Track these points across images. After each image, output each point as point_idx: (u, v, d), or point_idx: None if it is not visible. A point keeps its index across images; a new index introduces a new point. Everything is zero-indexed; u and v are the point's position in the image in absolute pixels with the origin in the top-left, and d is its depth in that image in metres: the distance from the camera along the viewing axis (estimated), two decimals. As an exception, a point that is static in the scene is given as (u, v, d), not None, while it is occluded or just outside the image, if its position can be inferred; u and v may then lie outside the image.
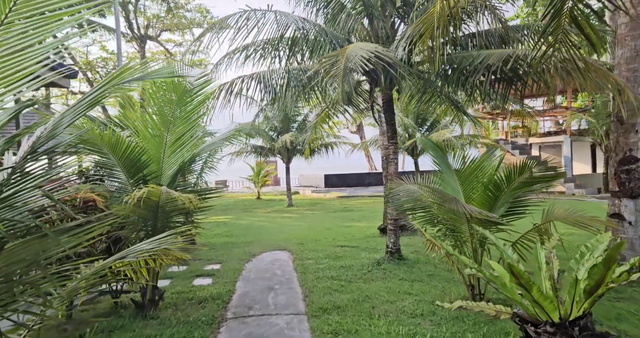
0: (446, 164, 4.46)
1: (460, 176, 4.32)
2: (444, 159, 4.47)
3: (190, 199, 4.18)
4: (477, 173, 4.22)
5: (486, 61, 5.39)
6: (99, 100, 1.99)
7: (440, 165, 4.61)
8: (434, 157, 4.64)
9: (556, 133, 20.19)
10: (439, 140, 15.84)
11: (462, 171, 4.30)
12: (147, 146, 4.71)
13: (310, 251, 8.37)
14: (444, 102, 8.07)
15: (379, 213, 15.03)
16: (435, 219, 4.43)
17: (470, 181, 4.24)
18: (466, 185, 4.28)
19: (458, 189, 4.34)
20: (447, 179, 4.56)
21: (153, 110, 4.60)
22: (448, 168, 4.45)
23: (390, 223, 7.16)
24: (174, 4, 28.79)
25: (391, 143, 7.19)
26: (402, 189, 4.99)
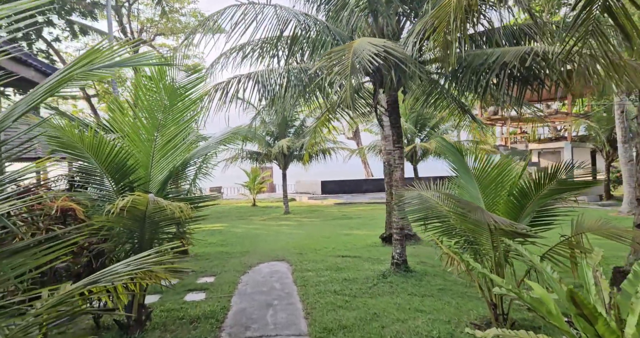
0: (465, 168, 4.06)
1: (482, 182, 3.92)
2: (463, 163, 4.07)
3: (181, 209, 3.73)
4: (501, 179, 3.82)
5: (501, 59, 5.01)
6: (58, 86, 1.56)
7: (459, 170, 4.20)
8: (451, 161, 4.23)
9: (556, 139, 19.94)
10: (438, 146, 15.53)
11: (484, 177, 3.89)
12: (134, 150, 4.27)
13: (310, 262, 7.91)
14: (450, 105, 7.70)
15: (378, 220, 14.61)
16: (453, 230, 4.02)
17: (494, 188, 3.84)
18: (488, 192, 3.88)
19: (478, 197, 3.94)
20: (464, 185, 4.16)
21: (141, 110, 4.17)
22: (467, 173, 4.05)
23: (395, 232, 6.73)
24: (168, 8, 28.45)
25: (396, 148, 6.79)
26: (414, 197, 4.57)
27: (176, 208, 3.62)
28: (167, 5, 28.37)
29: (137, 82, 4.27)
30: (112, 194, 4.19)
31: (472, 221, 3.65)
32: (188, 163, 4.75)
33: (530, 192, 3.52)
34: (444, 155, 4.50)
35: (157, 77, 4.13)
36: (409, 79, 5.72)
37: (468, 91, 6.10)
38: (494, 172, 3.86)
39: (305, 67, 6.58)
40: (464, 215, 3.62)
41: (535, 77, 5.30)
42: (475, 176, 3.99)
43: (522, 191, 3.58)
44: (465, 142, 18.33)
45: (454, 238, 4.04)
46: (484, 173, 3.92)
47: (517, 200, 3.62)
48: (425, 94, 7.61)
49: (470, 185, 4.04)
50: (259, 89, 6.65)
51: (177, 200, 4.50)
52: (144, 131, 4.25)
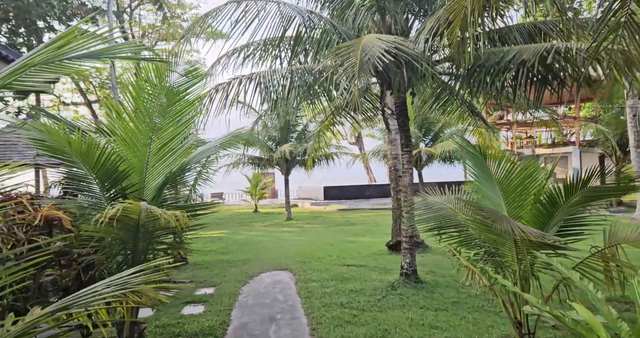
0: (486, 172, 3.73)
1: (504, 188, 3.59)
2: (484, 167, 3.74)
3: (177, 217, 3.42)
4: (526, 184, 3.50)
5: (519, 57, 4.71)
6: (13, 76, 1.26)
7: (478, 174, 3.88)
8: (470, 164, 3.90)
9: (564, 143, 19.59)
10: (444, 151, 15.21)
11: (508, 182, 3.57)
12: (127, 154, 3.96)
13: (314, 271, 7.58)
14: (459, 107, 7.40)
15: (382, 227, 14.27)
16: (472, 240, 3.69)
17: (518, 194, 3.52)
18: (511, 199, 3.56)
19: (500, 204, 3.61)
20: (484, 191, 3.84)
21: (135, 110, 3.87)
22: (488, 178, 3.72)
23: (404, 240, 6.40)
24: (170, 13, 28.33)
25: (405, 152, 6.48)
26: (427, 204, 4.25)
27: (171, 216, 3.31)
28: (169, 11, 28.27)
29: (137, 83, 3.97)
30: (104, 202, 3.88)
31: (495, 231, 3.32)
32: (185, 167, 4.44)
33: (559, 199, 3.21)
34: (461, 158, 4.18)
35: (155, 76, 3.85)
36: (420, 79, 5.42)
37: (481, 92, 5.79)
38: (519, 177, 3.54)
39: (309, 67, 6.30)
40: (486, 225, 3.29)
41: (555, 76, 5.00)
42: (498, 181, 3.66)
43: (550, 198, 3.26)
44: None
45: (473, 249, 3.71)
46: (508, 177, 3.60)
47: (544, 208, 3.30)
48: (434, 96, 7.32)
49: (491, 191, 3.72)
50: (260, 91, 6.37)
51: (173, 208, 4.19)
52: (139, 134, 3.95)
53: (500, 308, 4.76)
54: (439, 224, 4.11)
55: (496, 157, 3.72)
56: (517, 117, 20.41)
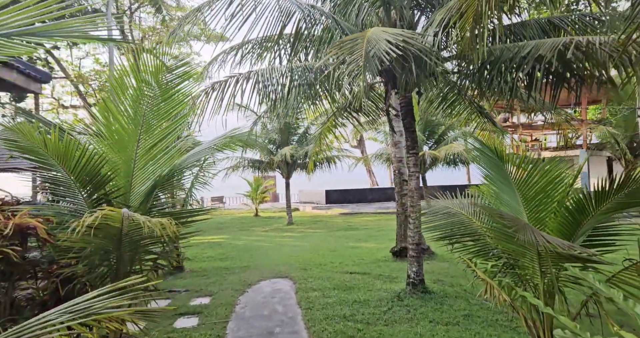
0: (504, 175, 3.39)
1: (525, 193, 3.26)
2: (502, 170, 3.40)
3: (165, 225, 3.09)
4: (550, 189, 3.16)
5: (535, 52, 4.38)
6: None
7: (494, 177, 3.53)
8: (485, 165, 3.56)
9: (571, 146, 19.22)
10: (448, 154, 14.87)
11: (529, 186, 3.23)
12: (112, 155, 3.65)
13: (315, 279, 7.23)
14: (467, 108, 7.08)
15: (386, 231, 13.91)
16: (489, 251, 3.35)
17: (540, 200, 3.18)
18: (532, 205, 3.22)
19: (519, 210, 3.28)
20: (500, 196, 3.50)
21: (118, 106, 3.55)
22: (506, 181, 3.38)
23: (411, 247, 6.05)
24: (170, 16, 28.12)
25: (411, 154, 6.14)
26: (438, 210, 3.92)
27: (156, 225, 2.98)
28: (169, 14, 28.06)
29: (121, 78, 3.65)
30: (85, 208, 3.56)
31: (516, 241, 2.99)
32: (177, 170, 4.11)
33: (588, 206, 2.87)
34: (474, 159, 3.84)
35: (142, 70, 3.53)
36: (428, 77, 5.10)
37: (492, 92, 5.46)
38: (541, 181, 3.20)
39: (310, 65, 5.99)
40: (507, 234, 2.96)
41: (573, 74, 4.67)
42: (517, 185, 3.33)
43: (578, 205, 2.92)
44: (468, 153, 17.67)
45: (490, 260, 3.37)
46: (529, 181, 3.26)
47: (571, 215, 2.96)
48: (440, 97, 7.01)
49: (509, 196, 3.38)
50: (259, 90, 6.05)
51: (163, 214, 3.87)
52: (124, 133, 3.64)
53: (517, 323, 4.41)
54: (450, 232, 3.78)
55: (515, 159, 3.38)
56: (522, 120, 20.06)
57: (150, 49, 3.54)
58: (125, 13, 26.67)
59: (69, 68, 26.40)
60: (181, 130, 4.10)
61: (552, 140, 22.75)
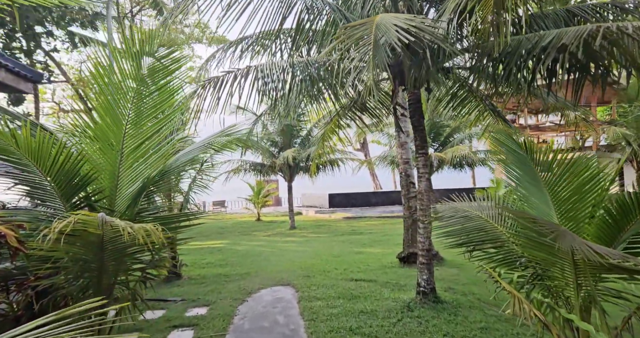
0: (532, 175, 3.02)
1: (557, 195, 2.88)
2: (530, 168, 3.03)
3: (150, 232, 2.74)
4: (586, 190, 2.78)
5: (557, 42, 4.02)
6: None
7: (520, 177, 3.16)
8: (510, 164, 3.19)
9: (581, 148, 18.77)
10: (455, 156, 14.48)
11: (562, 187, 2.85)
12: (94, 154, 3.30)
13: (318, 287, 6.85)
14: (479, 106, 6.72)
15: (391, 236, 13.52)
16: (516, 259, 2.98)
17: (574, 203, 2.80)
18: (565, 208, 2.84)
19: (549, 214, 2.91)
20: (528, 198, 3.13)
21: (99, 97, 3.21)
22: (534, 181, 3.00)
23: (421, 254, 5.67)
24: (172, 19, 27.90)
25: (420, 154, 5.78)
26: (454, 213, 3.55)
27: (139, 231, 2.63)
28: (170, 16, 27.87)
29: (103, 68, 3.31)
30: (64, 212, 3.21)
31: (547, 249, 2.62)
32: (168, 171, 3.77)
33: (634, 209, 2.51)
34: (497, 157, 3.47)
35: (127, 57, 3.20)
36: (439, 71, 4.75)
37: (508, 87, 5.10)
38: (576, 181, 2.83)
39: (312, 59, 5.65)
40: (537, 241, 2.59)
41: (598, 65, 4.30)
42: (548, 185, 2.96)
43: (623, 208, 2.56)
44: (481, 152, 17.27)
45: (516, 270, 2.99)
46: (562, 181, 2.88)
47: (613, 220, 2.60)
48: (450, 94, 6.65)
49: (537, 198, 3.01)
50: (258, 88, 5.69)
51: (153, 219, 3.52)
52: (107, 130, 3.29)
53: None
54: (467, 238, 3.40)
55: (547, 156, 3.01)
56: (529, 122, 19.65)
57: (137, 28, 3.19)
58: (126, 16, 26.50)
59: (70, 72, 26.21)
60: (173, 126, 3.75)
61: (559, 142, 22.31)
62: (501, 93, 5.64)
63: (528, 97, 5.45)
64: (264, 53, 5.95)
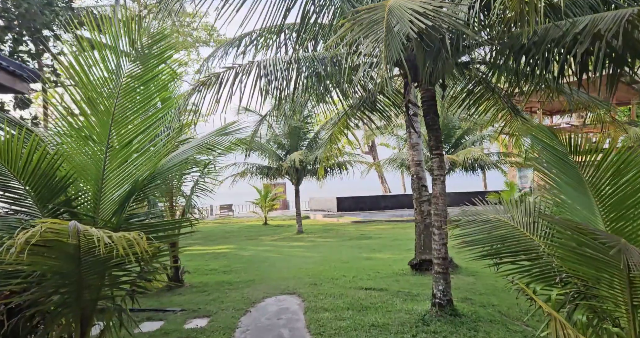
0: (574, 176, 2.60)
1: (605, 200, 2.46)
2: (571, 168, 2.62)
3: (134, 241, 2.39)
4: None
5: (592, 28, 3.61)
6: None
7: (558, 179, 2.75)
8: (546, 163, 2.79)
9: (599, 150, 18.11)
10: (467, 158, 14.03)
11: (613, 191, 2.43)
12: (76, 154, 2.97)
13: (326, 296, 6.46)
14: (496, 104, 6.31)
15: (401, 241, 13.09)
16: (555, 274, 2.56)
17: (629, 208, 2.38)
18: (617, 214, 2.43)
19: (594, 220, 2.49)
20: (565, 203, 2.72)
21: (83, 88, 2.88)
22: (578, 184, 2.59)
23: (437, 262, 5.26)
24: (179, 22, 27.84)
25: (435, 155, 5.39)
26: (479, 219, 3.15)
27: (120, 240, 2.28)
28: (178, 19, 27.77)
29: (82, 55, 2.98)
30: (40, 218, 2.87)
31: (592, 262, 2.22)
32: (159, 173, 3.42)
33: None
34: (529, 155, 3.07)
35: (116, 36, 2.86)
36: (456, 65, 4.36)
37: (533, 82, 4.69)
38: (631, 184, 2.40)
39: (319, 54, 5.30)
40: (584, 254, 2.19)
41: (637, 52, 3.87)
42: (594, 188, 2.55)
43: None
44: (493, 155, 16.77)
45: (554, 286, 2.58)
46: (612, 185, 2.46)
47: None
48: (465, 92, 6.26)
49: (580, 203, 2.61)
50: (260, 88, 5.30)
51: (139, 226, 3.17)
52: (91, 127, 2.96)
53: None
54: (494, 248, 3.00)
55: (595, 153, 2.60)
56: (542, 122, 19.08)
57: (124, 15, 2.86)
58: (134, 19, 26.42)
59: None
60: (166, 123, 3.41)
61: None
62: (523, 90, 5.23)
63: (553, 94, 5.04)
64: (268, 49, 5.62)
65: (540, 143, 2.84)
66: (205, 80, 5.02)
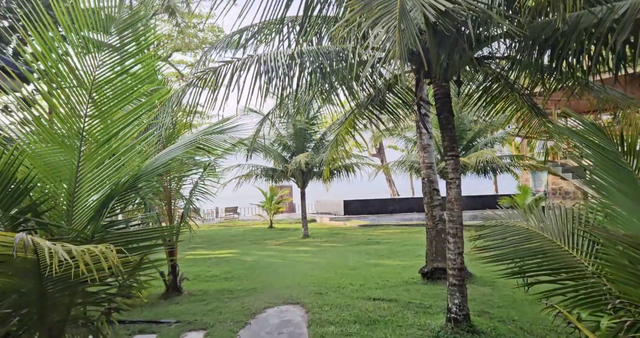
0: (626, 178, 2.18)
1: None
2: (627, 173, 2.21)
3: (103, 255, 2.01)
4: None
5: (631, 14, 3.18)
6: None
7: (608, 185, 2.33)
8: (593, 166, 2.37)
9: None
10: (479, 161, 13.53)
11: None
12: (44, 152, 2.60)
13: (332, 307, 6.05)
14: (516, 102, 5.87)
15: (411, 246, 12.63)
16: (605, 298, 2.14)
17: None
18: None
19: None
20: (619, 213, 2.29)
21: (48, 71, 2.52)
22: (630, 187, 2.17)
23: (452, 273, 4.83)
24: (185, 23, 27.69)
25: (450, 157, 4.96)
26: (500, 229, 2.72)
27: (81, 256, 1.90)
28: (184, 21, 27.60)
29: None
30: (2, 229, 2.50)
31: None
32: (143, 174, 3.04)
33: None
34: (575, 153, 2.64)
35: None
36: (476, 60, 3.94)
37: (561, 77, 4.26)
38: None
39: (324, 48, 4.91)
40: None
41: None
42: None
43: None
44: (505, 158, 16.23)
45: (605, 312, 2.16)
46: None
47: None
48: (480, 90, 5.83)
49: (636, 214, 2.18)
50: (261, 85, 4.90)
51: (118, 236, 2.79)
52: (60, 121, 2.59)
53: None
54: (524, 264, 2.57)
55: None
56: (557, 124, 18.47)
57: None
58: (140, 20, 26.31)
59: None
60: (150, 119, 3.03)
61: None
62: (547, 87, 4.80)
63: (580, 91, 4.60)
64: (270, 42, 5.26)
65: (583, 142, 2.42)
66: (202, 75, 4.65)
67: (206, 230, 20.14)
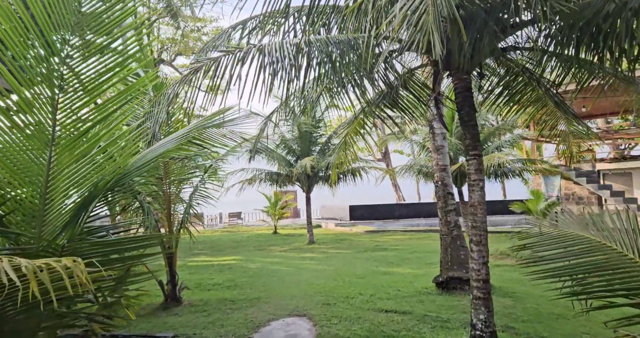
0: None
1: None
2: None
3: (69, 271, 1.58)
4: None
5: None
6: None
7: None
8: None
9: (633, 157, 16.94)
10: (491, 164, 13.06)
11: None
12: (6, 146, 2.18)
13: (340, 320, 5.61)
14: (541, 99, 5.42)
15: (420, 253, 12.14)
16: None
17: None
18: None
19: None
20: None
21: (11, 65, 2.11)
22: None
23: (476, 285, 4.36)
24: (190, 27, 27.47)
25: (472, 156, 4.52)
26: (567, 239, 2.27)
27: (31, 272, 1.48)
28: (187, 24, 27.38)
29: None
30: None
31: None
32: (128, 174, 2.61)
33: None
34: None
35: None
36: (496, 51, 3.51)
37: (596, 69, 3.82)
38: None
39: (333, 37, 4.49)
40: None
41: None
42: None
43: None
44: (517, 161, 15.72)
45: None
46: None
47: None
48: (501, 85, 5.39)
49: None
50: (264, 79, 4.47)
51: (96, 245, 2.37)
52: (28, 109, 2.17)
53: None
54: (588, 282, 2.12)
55: None
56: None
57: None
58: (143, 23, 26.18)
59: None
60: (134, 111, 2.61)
61: (598, 150, 20.50)
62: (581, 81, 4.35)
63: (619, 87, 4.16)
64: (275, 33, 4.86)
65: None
66: (200, 66, 4.23)
67: (209, 235, 19.72)
